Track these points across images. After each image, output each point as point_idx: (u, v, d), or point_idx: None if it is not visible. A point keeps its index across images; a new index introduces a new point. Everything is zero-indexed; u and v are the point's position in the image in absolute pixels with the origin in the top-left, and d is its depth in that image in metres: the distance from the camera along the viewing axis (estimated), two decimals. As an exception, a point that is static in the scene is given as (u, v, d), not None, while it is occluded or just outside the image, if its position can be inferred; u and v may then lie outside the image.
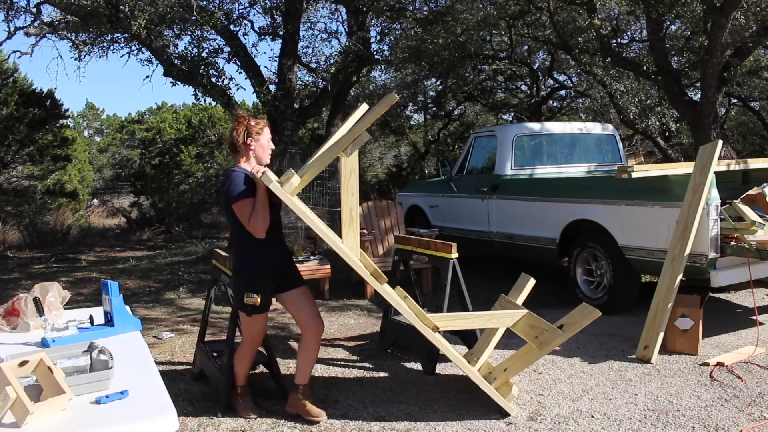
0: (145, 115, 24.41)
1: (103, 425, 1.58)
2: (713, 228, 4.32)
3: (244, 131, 3.15)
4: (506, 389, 3.38)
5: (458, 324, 3.52)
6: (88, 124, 32.73)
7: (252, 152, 3.17)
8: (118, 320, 2.49)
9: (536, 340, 3.24)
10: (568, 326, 3.21)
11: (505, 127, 7.26)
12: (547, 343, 3.20)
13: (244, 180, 3.05)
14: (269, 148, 3.24)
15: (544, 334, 3.21)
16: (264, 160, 3.22)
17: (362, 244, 6.45)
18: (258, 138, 3.17)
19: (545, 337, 3.20)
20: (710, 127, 7.13)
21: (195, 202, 13.75)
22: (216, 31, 9.05)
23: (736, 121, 18.14)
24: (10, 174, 13.46)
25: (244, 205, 3.02)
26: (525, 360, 3.36)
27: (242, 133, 3.15)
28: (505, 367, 3.43)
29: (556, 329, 3.19)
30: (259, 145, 3.18)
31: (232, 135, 3.19)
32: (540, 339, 3.22)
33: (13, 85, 12.94)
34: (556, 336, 3.17)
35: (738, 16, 6.64)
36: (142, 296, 6.81)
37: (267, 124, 3.26)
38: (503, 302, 3.78)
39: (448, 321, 3.40)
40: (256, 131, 3.17)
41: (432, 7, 10.24)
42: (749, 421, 3.16)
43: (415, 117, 19.07)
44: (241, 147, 3.16)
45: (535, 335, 3.26)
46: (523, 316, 3.34)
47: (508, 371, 3.40)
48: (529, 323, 3.35)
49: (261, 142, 3.19)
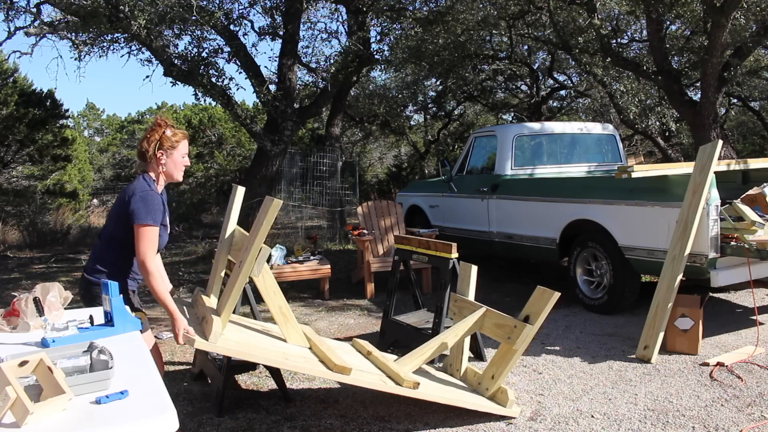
0: (145, 115, 24.43)
1: (103, 425, 1.58)
2: (713, 228, 4.32)
3: (156, 141, 2.77)
4: (503, 396, 3.32)
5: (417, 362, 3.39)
6: (88, 124, 32.72)
7: (162, 167, 2.80)
8: (118, 320, 2.49)
9: (509, 340, 3.17)
10: (534, 316, 3.12)
11: (505, 127, 7.26)
12: (521, 340, 3.13)
13: (157, 205, 2.71)
14: (183, 164, 2.86)
15: (514, 332, 3.14)
16: (175, 177, 2.86)
17: (362, 244, 6.48)
18: (171, 152, 2.79)
19: (516, 334, 3.13)
20: (710, 127, 7.13)
21: (195, 202, 13.77)
22: (216, 31, 9.05)
23: (736, 121, 18.15)
24: (10, 174, 13.46)
25: (150, 232, 2.67)
26: (507, 362, 3.28)
27: (153, 144, 2.77)
28: (491, 374, 3.37)
29: (524, 324, 3.11)
30: (171, 159, 2.81)
31: (142, 143, 2.81)
32: (512, 338, 3.15)
33: (13, 85, 12.94)
34: (527, 330, 3.10)
35: (738, 16, 6.64)
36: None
37: (185, 137, 2.88)
38: (458, 302, 3.70)
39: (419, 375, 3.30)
40: (169, 144, 2.78)
41: (432, 7, 10.23)
42: (749, 421, 3.16)
43: (415, 117, 19.10)
44: (151, 158, 2.78)
45: (506, 335, 3.19)
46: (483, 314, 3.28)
47: (495, 378, 3.33)
48: (494, 323, 3.28)
49: (173, 156, 2.81)
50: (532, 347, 4.49)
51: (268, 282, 3.00)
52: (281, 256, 6.36)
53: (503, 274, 7.19)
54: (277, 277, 6.23)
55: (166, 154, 2.79)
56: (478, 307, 3.48)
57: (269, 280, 3.01)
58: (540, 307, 3.13)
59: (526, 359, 4.23)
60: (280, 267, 6.22)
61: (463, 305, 3.63)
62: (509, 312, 5.49)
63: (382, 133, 18.16)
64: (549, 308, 3.12)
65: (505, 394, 3.32)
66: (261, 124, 10.37)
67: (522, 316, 3.19)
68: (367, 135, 18.55)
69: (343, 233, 10.38)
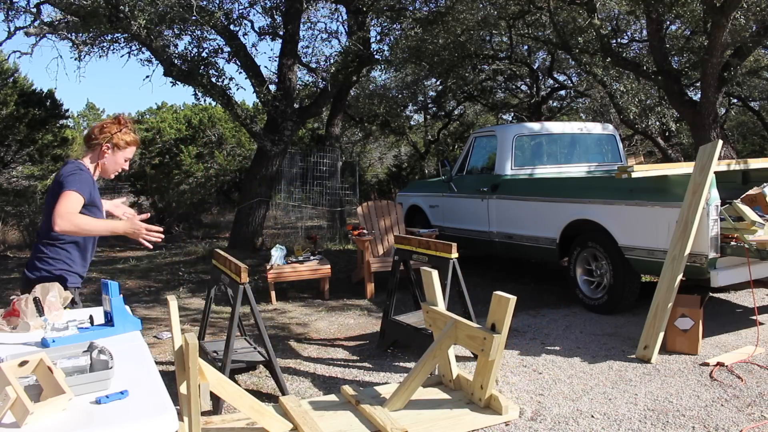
0: (145, 115, 24.38)
1: (103, 425, 1.58)
2: (713, 228, 4.32)
3: (109, 135, 2.82)
4: (496, 403, 3.28)
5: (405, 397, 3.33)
6: (88, 124, 32.73)
7: (104, 159, 2.85)
8: (118, 320, 2.49)
9: (483, 352, 3.14)
10: (499, 324, 3.09)
11: (505, 127, 7.26)
12: (494, 350, 3.09)
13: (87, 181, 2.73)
14: (121, 166, 2.91)
15: (485, 344, 3.10)
16: (108, 174, 2.90)
17: (362, 244, 6.48)
18: (116, 151, 2.86)
19: (487, 345, 3.09)
20: (710, 127, 7.13)
21: (195, 202, 13.75)
22: (216, 31, 9.05)
23: (736, 121, 18.15)
24: (10, 174, 13.45)
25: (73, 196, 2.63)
26: (489, 371, 3.24)
27: (105, 135, 2.83)
28: (479, 384, 3.34)
29: (492, 334, 3.07)
30: (113, 158, 2.86)
31: (95, 129, 2.86)
32: (485, 350, 3.11)
33: (13, 85, 12.93)
34: (497, 340, 3.06)
35: (738, 16, 6.64)
36: (142, 296, 6.81)
37: (135, 144, 2.94)
38: (430, 313, 3.67)
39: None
40: (119, 143, 2.84)
41: (432, 7, 10.23)
42: (749, 421, 3.16)
43: (415, 117, 19.10)
44: (95, 146, 2.83)
45: (479, 347, 3.15)
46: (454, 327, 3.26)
47: (484, 387, 3.30)
48: (467, 335, 3.24)
49: (116, 156, 2.87)
50: (532, 347, 4.49)
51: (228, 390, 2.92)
52: (281, 256, 6.36)
53: (503, 274, 7.19)
54: (278, 277, 6.23)
55: (111, 150, 2.85)
56: (448, 318, 3.44)
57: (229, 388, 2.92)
58: (501, 314, 3.09)
59: (526, 359, 4.24)
60: (280, 267, 6.22)
61: (436, 316, 3.60)
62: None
63: (382, 133, 18.16)
64: (510, 313, 3.08)
65: (497, 401, 3.27)
66: (261, 124, 10.36)
67: (488, 325, 3.15)
68: (367, 135, 18.55)
69: (343, 233, 10.38)
